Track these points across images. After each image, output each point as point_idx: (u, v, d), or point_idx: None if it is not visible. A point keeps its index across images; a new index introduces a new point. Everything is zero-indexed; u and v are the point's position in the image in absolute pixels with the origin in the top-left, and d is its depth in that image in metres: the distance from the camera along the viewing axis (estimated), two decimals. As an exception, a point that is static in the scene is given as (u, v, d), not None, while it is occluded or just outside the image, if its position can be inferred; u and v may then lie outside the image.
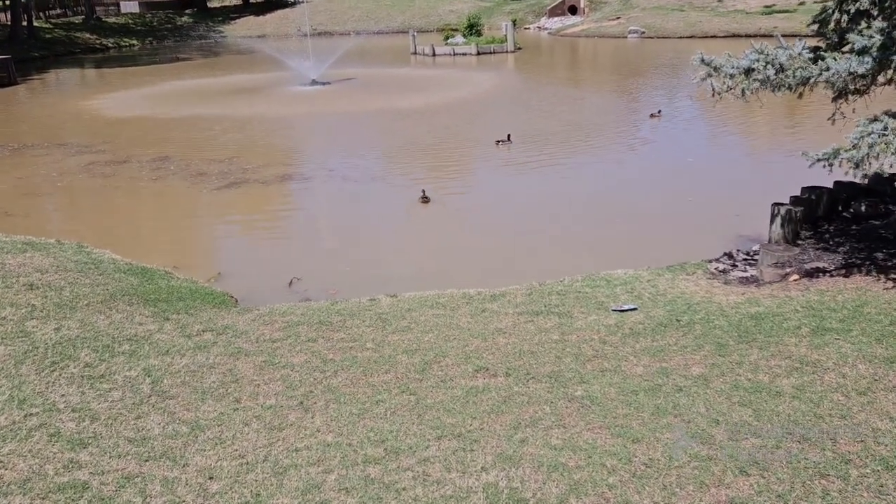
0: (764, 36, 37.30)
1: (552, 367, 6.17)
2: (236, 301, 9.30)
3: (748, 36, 40.00)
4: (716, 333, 6.62)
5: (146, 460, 5.04)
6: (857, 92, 8.55)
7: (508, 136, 18.01)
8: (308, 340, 7.21)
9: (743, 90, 8.32)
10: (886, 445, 4.54)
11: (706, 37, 42.91)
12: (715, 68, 8.62)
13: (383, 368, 6.40)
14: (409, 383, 6.07)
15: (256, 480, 4.79)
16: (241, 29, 64.15)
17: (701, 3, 50.36)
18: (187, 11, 69.14)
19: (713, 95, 8.67)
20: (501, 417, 5.38)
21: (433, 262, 10.87)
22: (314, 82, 30.79)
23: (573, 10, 55.82)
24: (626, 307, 7.67)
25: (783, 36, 8.99)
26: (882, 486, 4.21)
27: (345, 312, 8.04)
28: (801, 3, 45.01)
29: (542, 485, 4.54)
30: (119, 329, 7.32)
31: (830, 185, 10.30)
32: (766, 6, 46.67)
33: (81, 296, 8.14)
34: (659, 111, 21.37)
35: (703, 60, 8.72)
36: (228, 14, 68.73)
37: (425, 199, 13.72)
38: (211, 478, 4.84)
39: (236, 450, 5.15)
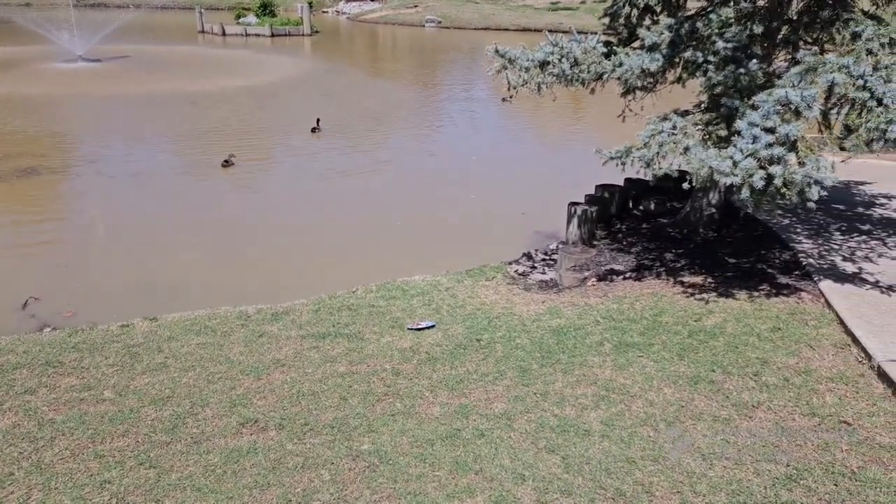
0: (551, 31, 38.61)
1: (335, 413, 5.16)
2: (-60, 336, 7.25)
3: (537, 30, 41.63)
4: (518, 355, 5.98)
5: None
6: (645, 89, 8.42)
7: (318, 121, 17.03)
8: (24, 392, 5.60)
9: (539, 84, 7.85)
10: (703, 496, 4.06)
11: (499, 29, 43.99)
12: (510, 60, 8.06)
13: (120, 429, 5.02)
14: (152, 449, 4.76)
15: None
16: (-5, -5, 55.78)
17: (494, -4, 51.82)
18: (-78, -30, 58.72)
19: (509, 89, 8.13)
20: (268, 493, 4.27)
21: (206, 271, 9.36)
22: (81, 59, 27.16)
23: (371, -4, 55.04)
24: (423, 325, 6.86)
25: (567, 32, 8.64)
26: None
27: (84, 346, 6.46)
28: (583, 2, 47.82)
29: None
30: None
31: (595, 183, 10.18)
32: (553, 3, 48.98)
33: None
34: (512, 97, 21.29)
35: (497, 51, 8.13)
36: (-22, -23, 59.31)
37: (227, 164, 13.89)
38: None
39: None
